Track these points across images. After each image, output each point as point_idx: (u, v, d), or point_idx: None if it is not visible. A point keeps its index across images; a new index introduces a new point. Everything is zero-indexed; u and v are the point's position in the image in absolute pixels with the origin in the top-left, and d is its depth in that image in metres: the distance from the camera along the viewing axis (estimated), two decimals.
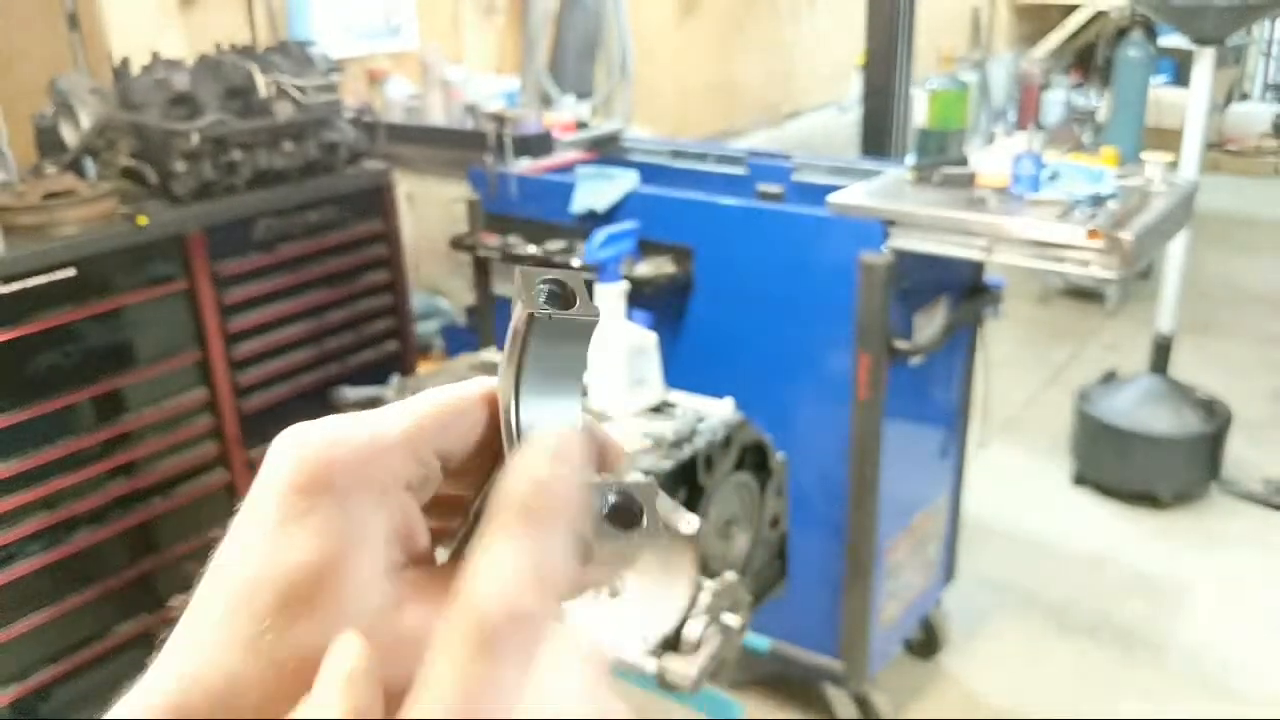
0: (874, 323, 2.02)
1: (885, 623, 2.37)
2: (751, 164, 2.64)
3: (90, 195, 2.01)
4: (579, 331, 0.33)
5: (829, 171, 2.53)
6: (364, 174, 2.43)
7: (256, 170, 2.21)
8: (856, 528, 2.19)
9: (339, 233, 2.40)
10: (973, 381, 2.47)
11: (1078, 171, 2.08)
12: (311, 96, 2.29)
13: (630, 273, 2.11)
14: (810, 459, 2.09)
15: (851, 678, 2.34)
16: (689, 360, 2.22)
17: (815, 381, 2.16)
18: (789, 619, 2.30)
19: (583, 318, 0.32)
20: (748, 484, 1.46)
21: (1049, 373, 4.49)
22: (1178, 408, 3.36)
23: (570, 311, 0.32)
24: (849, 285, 2.03)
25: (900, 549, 2.36)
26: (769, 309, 2.18)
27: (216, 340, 2.19)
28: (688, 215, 2.26)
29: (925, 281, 2.18)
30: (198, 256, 2.14)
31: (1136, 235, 1.88)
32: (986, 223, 1.96)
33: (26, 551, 1.97)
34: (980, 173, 2.12)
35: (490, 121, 2.54)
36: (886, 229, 2.02)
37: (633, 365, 1.49)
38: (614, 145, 2.88)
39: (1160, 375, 3.47)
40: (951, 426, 2.46)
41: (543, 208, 2.44)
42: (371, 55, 2.99)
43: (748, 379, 2.15)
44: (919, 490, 2.43)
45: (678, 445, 1.36)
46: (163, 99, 2.13)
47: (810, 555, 2.03)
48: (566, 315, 0.32)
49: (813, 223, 2.11)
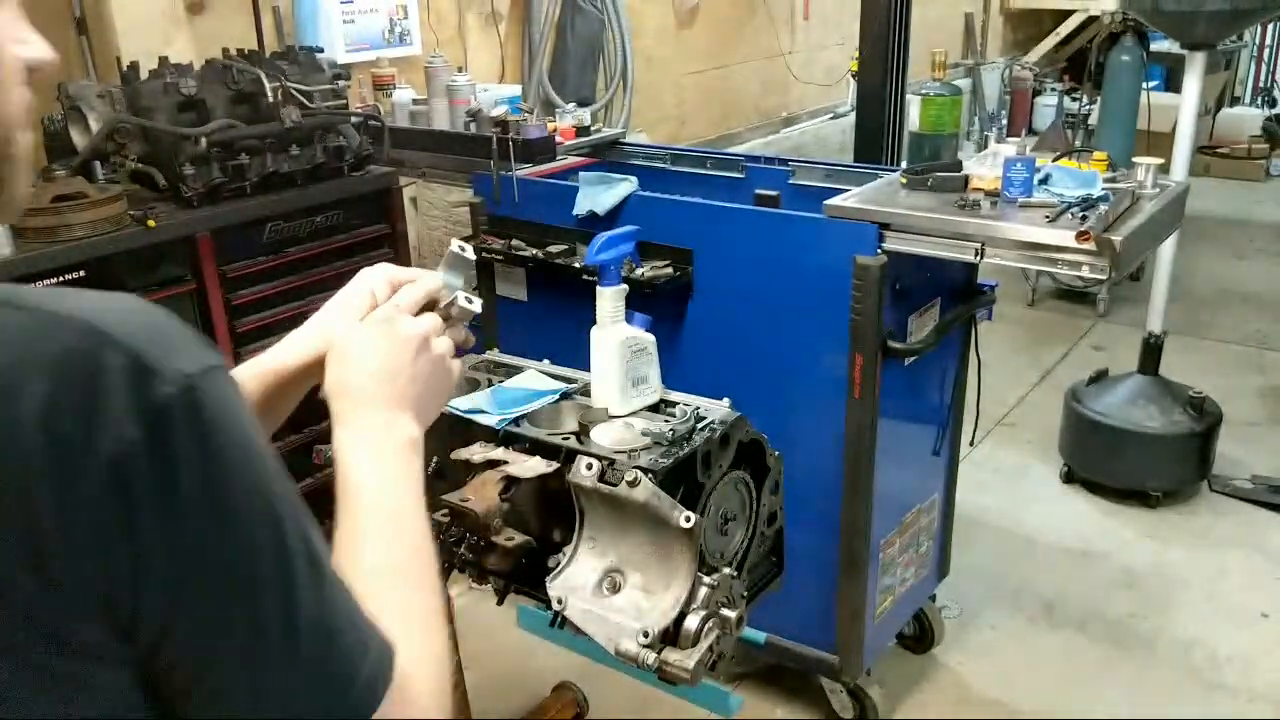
0: (868, 323, 2.06)
1: (879, 617, 2.41)
2: (749, 168, 2.68)
3: (99, 198, 2.03)
4: (464, 263, 1.09)
5: (825, 176, 2.57)
6: (370, 178, 2.47)
7: (264, 174, 2.24)
8: (851, 524, 2.23)
9: (345, 235, 2.44)
10: (965, 381, 2.52)
11: (1069, 175, 2.11)
12: (318, 101, 2.32)
13: (630, 275, 2.15)
14: (806, 457, 2.13)
15: (846, 671, 2.38)
16: (688, 360, 2.26)
17: (811, 381, 2.20)
18: (785, 613, 2.35)
19: (468, 258, 1.08)
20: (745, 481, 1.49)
21: (1040, 373, 4.54)
22: (1168, 406, 3.41)
23: (465, 254, 1.09)
24: (844, 287, 2.07)
25: (894, 545, 2.41)
26: (766, 310, 2.22)
27: (225, 340, 2.23)
28: (687, 219, 2.30)
29: (919, 283, 2.22)
30: (206, 258, 2.18)
31: (1127, 238, 1.91)
32: (979, 226, 2.00)
33: None
34: (973, 176, 2.15)
35: (494, 127, 2.57)
36: (881, 232, 2.06)
37: (632, 365, 1.52)
38: (614, 150, 2.93)
39: (1150, 375, 3.51)
40: (944, 425, 2.50)
41: (545, 211, 2.48)
42: (377, 61, 3.03)
43: (745, 378, 2.18)
44: (912, 487, 2.47)
45: (676, 444, 1.40)
46: (171, 103, 2.16)
47: (806, 551, 2.06)
48: (464, 255, 1.09)
49: (809, 226, 2.14)
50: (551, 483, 1.43)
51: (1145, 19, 3.69)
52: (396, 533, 0.80)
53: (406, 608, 0.75)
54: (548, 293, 2.48)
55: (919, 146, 3.61)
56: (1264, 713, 2.58)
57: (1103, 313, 5.14)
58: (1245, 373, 4.50)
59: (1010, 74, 7.39)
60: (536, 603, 1.50)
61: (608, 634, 1.31)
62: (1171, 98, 4.41)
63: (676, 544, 1.32)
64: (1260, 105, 8.78)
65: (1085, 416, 3.48)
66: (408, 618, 0.74)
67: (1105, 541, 3.30)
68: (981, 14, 7.49)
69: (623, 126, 3.81)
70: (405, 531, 0.81)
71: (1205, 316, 5.10)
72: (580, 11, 3.88)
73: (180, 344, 0.61)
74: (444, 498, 1.43)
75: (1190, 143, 3.27)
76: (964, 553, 2.92)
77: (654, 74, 4.52)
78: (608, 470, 1.35)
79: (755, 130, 5.29)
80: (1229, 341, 4.84)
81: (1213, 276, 5.69)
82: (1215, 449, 3.47)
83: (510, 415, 1.53)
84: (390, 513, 0.81)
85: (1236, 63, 8.82)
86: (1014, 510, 3.46)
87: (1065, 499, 3.56)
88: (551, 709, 2.46)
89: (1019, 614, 2.95)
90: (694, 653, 1.29)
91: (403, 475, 0.85)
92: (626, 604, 1.34)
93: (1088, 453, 3.52)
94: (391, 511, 0.82)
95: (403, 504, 0.83)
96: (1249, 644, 2.82)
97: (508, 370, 1.72)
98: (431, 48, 3.23)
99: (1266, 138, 7.84)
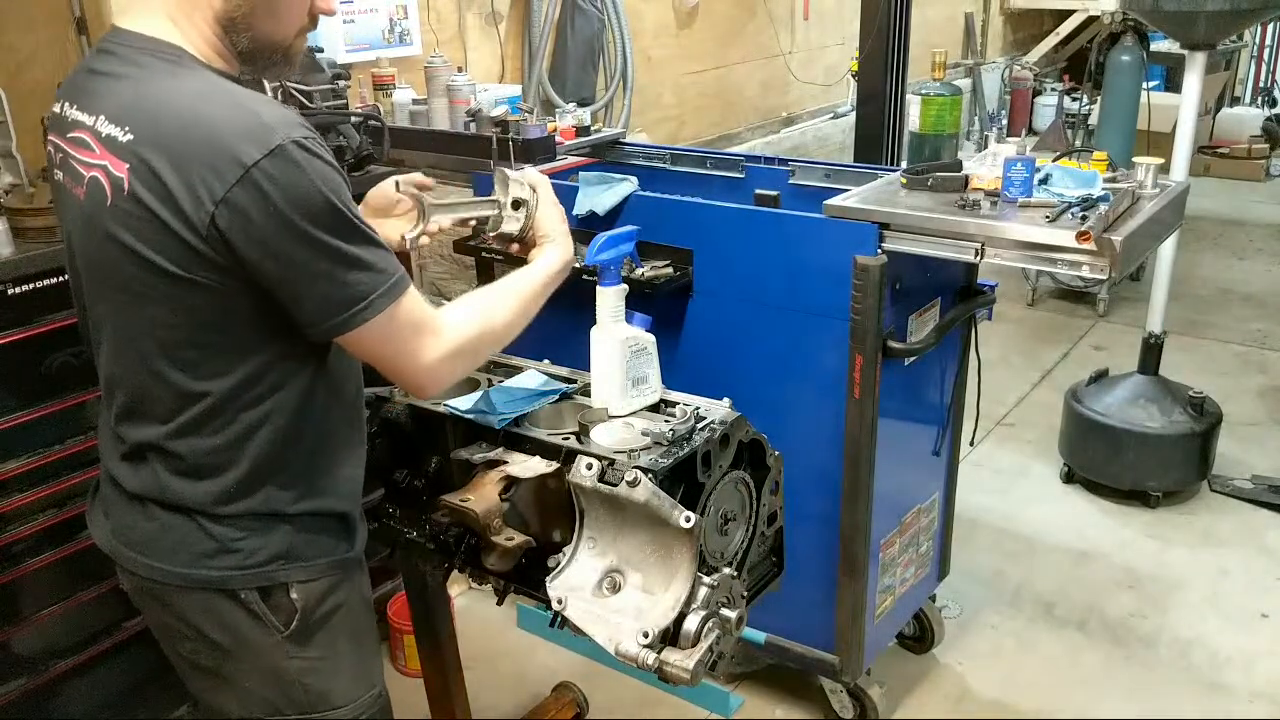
0: (868, 323, 2.06)
1: (879, 617, 2.41)
2: (749, 168, 2.68)
3: None
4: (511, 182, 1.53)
5: (825, 176, 2.57)
6: (370, 178, 2.46)
7: None
8: (851, 524, 2.23)
9: None
10: (965, 381, 2.52)
11: (1069, 175, 2.11)
12: (318, 101, 2.32)
13: (630, 275, 2.15)
14: (806, 457, 2.13)
15: (846, 671, 2.37)
16: (688, 360, 2.26)
17: (811, 381, 2.20)
18: (785, 613, 2.35)
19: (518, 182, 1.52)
20: (745, 481, 1.49)
21: (1040, 373, 4.54)
22: (1168, 406, 3.41)
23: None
24: (844, 287, 2.07)
25: (894, 545, 2.41)
26: (766, 310, 2.22)
27: None
28: (687, 219, 2.30)
29: (919, 283, 2.22)
30: None
31: (1127, 238, 1.91)
32: (979, 226, 2.00)
33: (37, 549, 2.00)
34: (973, 176, 2.15)
35: (494, 127, 2.57)
36: (881, 232, 2.06)
37: (632, 365, 1.52)
38: (614, 150, 2.93)
39: (1150, 374, 3.51)
40: (944, 425, 2.50)
41: None
42: (377, 61, 3.02)
43: (745, 378, 2.19)
44: (912, 487, 2.47)
45: (676, 444, 1.40)
46: None
47: (806, 550, 2.06)
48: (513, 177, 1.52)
49: (809, 226, 2.14)
50: (551, 483, 1.43)
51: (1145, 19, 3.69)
52: (507, 288, 1.40)
53: (479, 308, 1.35)
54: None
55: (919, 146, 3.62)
56: (1264, 712, 2.58)
57: (1103, 313, 5.14)
58: (1245, 373, 4.50)
59: (1010, 74, 7.40)
60: (536, 603, 1.50)
61: (608, 634, 1.31)
62: (1171, 98, 4.42)
63: (676, 544, 1.32)
64: (1260, 105, 8.79)
65: (1085, 416, 3.48)
66: (471, 311, 1.33)
67: (1105, 541, 3.30)
68: (981, 14, 7.49)
69: (623, 126, 3.82)
70: (512, 291, 1.40)
71: (1205, 316, 5.10)
72: (580, 11, 3.88)
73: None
74: (444, 498, 1.43)
75: (1190, 143, 3.27)
76: (964, 553, 2.92)
77: (654, 74, 4.52)
78: (608, 470, 1.35)
79: (755, 130, 5.29)
80: (1229, 341, 4.84)
81: (1213, 276, 5.70)
82: (1215, 449, 3.47)
83: (510, 415, 1.53)
84: (516, 280, 1.42)
85: (1236, 63, 8.82)
86: (1014, 510, 3.46)
87: (1065, 499, 3.56)
88: (551, 709, 2.46)
89: (1019, 614, 2.95)
90: (694, 653, 1.29)
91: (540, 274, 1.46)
92: (626, 604, 1.34)
93: (1088, 453, 3.52)
94: (517, 281, 1.42)
95: (526, 283, 1.43)
96: (1249, 644, 2.82)
97: (508, 370, 1.72)
98: (431, 48, 3.23)
99: (1266, 138, 7.85)
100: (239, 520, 1.27)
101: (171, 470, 1.26)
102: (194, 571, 1.28)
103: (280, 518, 1.30)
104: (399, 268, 1.21)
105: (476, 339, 1.32)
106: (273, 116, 1.12)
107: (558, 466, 1.42)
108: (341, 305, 1.17)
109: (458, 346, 1.28)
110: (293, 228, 1.12)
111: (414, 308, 1.23)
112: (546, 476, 1.43)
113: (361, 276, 1.17)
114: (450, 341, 1.27)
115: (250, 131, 1.10)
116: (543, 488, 1.44)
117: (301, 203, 1.11)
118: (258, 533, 1.28)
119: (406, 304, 1.21)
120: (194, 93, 1.15)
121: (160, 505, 1.28)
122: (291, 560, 1.31)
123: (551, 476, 1.43)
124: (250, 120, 1.11)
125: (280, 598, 1.31)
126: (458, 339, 1.28)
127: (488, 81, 3.48)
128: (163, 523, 1.28)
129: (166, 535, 1.28)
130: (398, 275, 1.20)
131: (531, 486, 1.43)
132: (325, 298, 1.16)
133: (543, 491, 1.44)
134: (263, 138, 1.10)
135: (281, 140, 1.10)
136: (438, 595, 2.01)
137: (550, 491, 1.44)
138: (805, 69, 5.58)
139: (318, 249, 1.13)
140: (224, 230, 1.11)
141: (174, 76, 1.16)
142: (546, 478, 1.43)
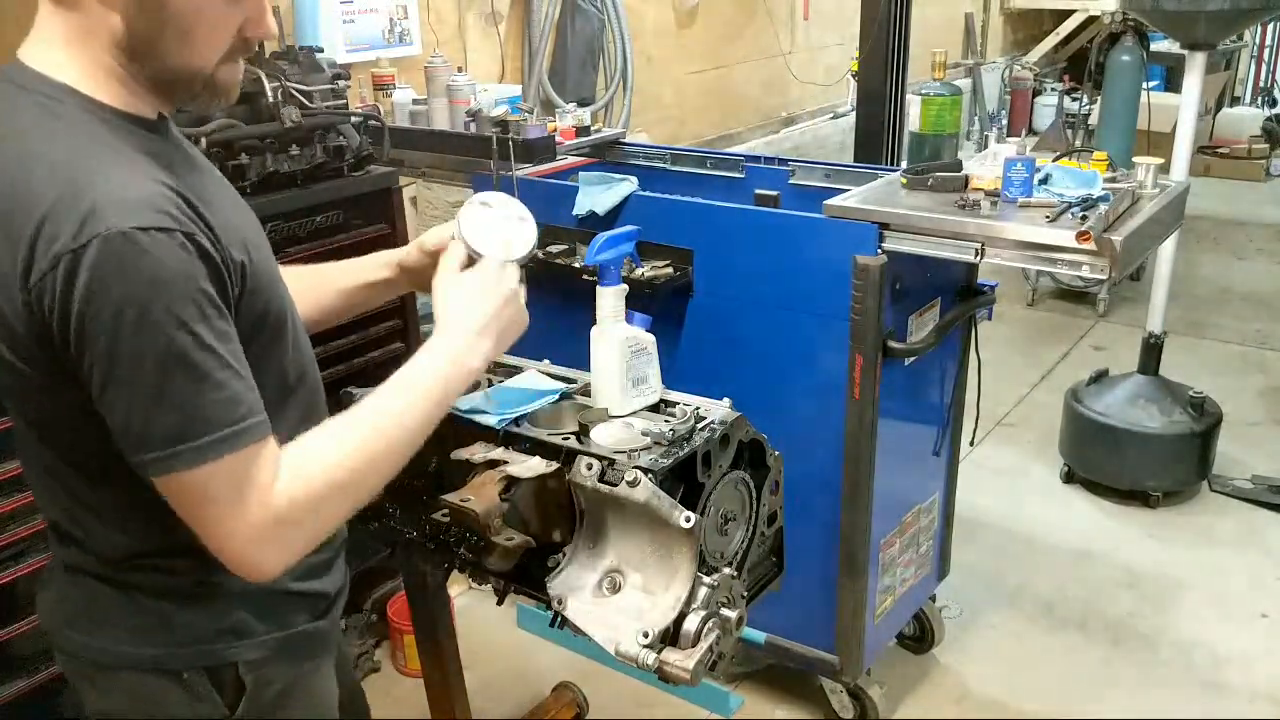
0: (869, 323, 2.06)
1: (879, 617, 2.41)
2: (749, 168, 2.68)
3: None
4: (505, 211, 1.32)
5: (825, 176, 2.57)
6: (370, 178, 2.46)
7: (264, 173, 2.24)
8: (851, 523, 2.23)
9: (345, 235, 2.44)
10: (965, 381, 2.52)
11: (1069, 175, 2.11)
12: (318, 101, 2.32)
13: (630, 275, 2.15)
14: (807, 457, 2.13)
15: (846, 671, 2.38)
16: (688, 360, 2.27)
17: (811, 381, 2.20)
18: (785, 613, 2.35)
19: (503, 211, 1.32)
20: (745, 481, 1.49)
21: (1040, 373, 4.54)
22: (1168, 406, 3.41)
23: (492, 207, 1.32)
24: (844, 287, 2.07)
25: (894, 545, 2.41)
26: (766, 310, 2.22)
27: None
28: (687, 219, 2.30)
29: (919, 283, 2.22)
30: None
31: (1127, 238, 1.91)
32: (979, 226, 2.00)
33: (39, 548, 2.00)
34: (973, 176, 2.15)
35: (494, 127, 2.58)
36: (881, 232, 2.06)
37: (632, 365, 1.52)
38: (614, 150, 2.93)
39: (1150, 375, 3.51)
40: (944, 425, 2.50)
41: (545, 211, 2.44)
42: (377, 61, 3.02)
43: (745, 378, 2.19)
44: (912, 487, 2.47)
45: (676, 444, 1.40)
46: None
47: (806, 550, 2.06)
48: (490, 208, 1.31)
49: (809, 226, 2.15)
50: (551, 483, 1.43)
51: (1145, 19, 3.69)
52: (394, 398, 1.14)
53: (350, 432, 1.09)
54: (548, 293, 2.46)
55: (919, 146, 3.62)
56: (1264, 712, 2.58)
57: (1103, 313, 5.14)
58: (1245, 373, 4.51)
59: (1010, 74, 7.40)
60: (536, 603, 1.50)
61: (608, 634, 1.31)
62: (1171, 98, 4.41)
63: (676, 544, 1.32)
64: (1260, 105, 8.79)
65: (1085, 416, 3.48)
66: (343, 438, 1.08)
67: (1105, 541, 3.31)
68: (981, 14, 7.50)
69: (623, 126, 3.82)
70: (400, 403, 1.13)
71: (1205, 316, 5.10)
72: (580, 11, 3.88)
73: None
74: (444, 498, 1.43)
75: (1190, 143, 3.27)
76: (964, 553, 2.92)
77: (654, 74, 4.52)
78: (608, 470, 1.35)
79: (755, 130, 5.29)
80: (1229, 341, 4.84)
81: (1213, 276, 5.70)
82: (1215, 449, 3.47)
83: (510, 415, 1.53)
84: (402, 387, 1.15)
85: (1236, 63, 8.82)
86: (1014, 510, 3.47)
87: (1065, 499, 3.56)
88: (551, 709, 2.47)
89: (1019, 614, 2.95)
90: (694, 653, 1.29)
91: (433, 377, 1.17)
92: (626, 604, 1.34)
93: (1088, 453, 3.53)
94: (404, 386, 1.15)
95: (416, 389, 1.15)
96: (1249, 644, 2.82)
97: (508, 370, 1.72)
98: (431, 48, 3.23)
99: (1266, 138, 7.85)
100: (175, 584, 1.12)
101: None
102: (124, 649, 1.14)
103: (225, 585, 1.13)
104: (244, 414, 0.99)
105: (319, 517, 1.06)
106: (108, 199, 0.93)
107: (558, 466, 1.42)
108: (139, 442, 0.97)
109: (292, 520, 1.03)
110: (96, 330, 0.93)
111: (246, 468, 0.99)
112: (547, 476, 1.43)
113: (168, 418, 0.95)
114: (283, 517, 1.02)
115: (75, 213, 0.93)
116: (543, 488, 1.44)
117: (111, 305, 0.92)
118: (198, 603, 1.14)
119: (232, 464, 0.97)
120: (36, 156, 0.97)
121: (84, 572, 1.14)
122: (241, 635, 1.17)
123: (552, 476, 1.43)
124: (80, 201, 0.93)
125: (227, 676, 1.16)
126: (295, 512, 1.03)
127: (488, 81, 3.48)
128: (90, 590, 1.14)
129: (94, 605, 1.15)
130: (235, 428, 0.98)
131: (531, 486, 1.43)
132: (124, 425, 0.97)
133: (543, 491, 1.44)
134: (86, 224, 0.92)
135: (104, 230, 0.92)
136: (438, 595, 2.01)
137: (550, 491, 1.44)
138: (805, 69, 5.58)
139: (120, 365, 0.94)
140: (38, 315, 0.96)
141: (35, 127, 0.99)
142: (547, 478, 1.43)
